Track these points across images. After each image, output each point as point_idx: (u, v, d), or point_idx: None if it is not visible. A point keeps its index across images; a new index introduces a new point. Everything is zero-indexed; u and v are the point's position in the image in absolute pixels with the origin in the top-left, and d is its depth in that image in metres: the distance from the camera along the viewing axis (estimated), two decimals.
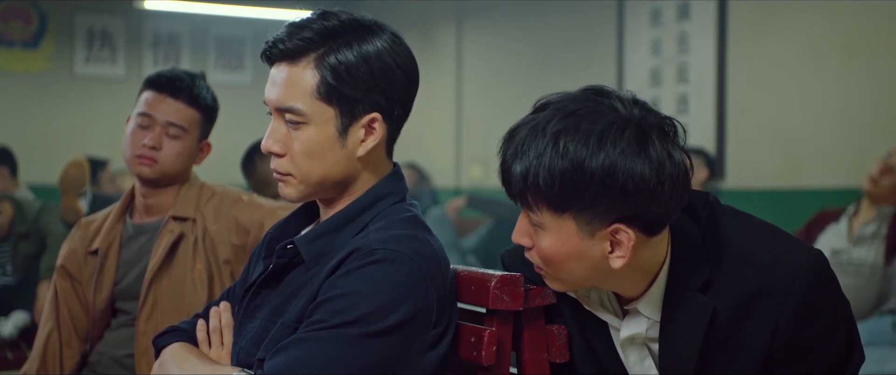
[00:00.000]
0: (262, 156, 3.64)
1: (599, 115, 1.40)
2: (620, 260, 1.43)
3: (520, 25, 7.11)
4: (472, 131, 7.60)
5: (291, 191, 1.57)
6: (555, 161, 1.38)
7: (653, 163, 1.38)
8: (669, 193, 1.40)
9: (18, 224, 4.59)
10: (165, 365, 1.64)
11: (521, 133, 1.44)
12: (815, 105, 5.00)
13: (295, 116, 1.53)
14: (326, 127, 1.53)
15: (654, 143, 1.39)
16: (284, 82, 1.53)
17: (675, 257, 1.51)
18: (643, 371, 1.58)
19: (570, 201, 1.40)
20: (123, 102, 4.29)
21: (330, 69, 1.51)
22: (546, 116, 1.43)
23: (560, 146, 1.38)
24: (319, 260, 1.54)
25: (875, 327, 3.54)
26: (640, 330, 1.55)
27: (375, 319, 1.43)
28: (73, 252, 2.47)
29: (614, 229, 1.41)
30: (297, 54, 1.53)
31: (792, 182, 5.11)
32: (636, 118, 1.41)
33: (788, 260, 1.46)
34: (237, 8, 7.61)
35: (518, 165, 1.42)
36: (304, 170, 1.54)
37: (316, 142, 1.53)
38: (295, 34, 1.54)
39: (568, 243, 1.43)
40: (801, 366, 1.49)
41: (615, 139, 1.38)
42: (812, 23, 5.03)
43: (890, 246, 3.79)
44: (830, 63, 4.92)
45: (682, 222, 1.50)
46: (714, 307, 1.47)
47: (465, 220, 6.32)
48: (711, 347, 1.49)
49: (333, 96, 1.52)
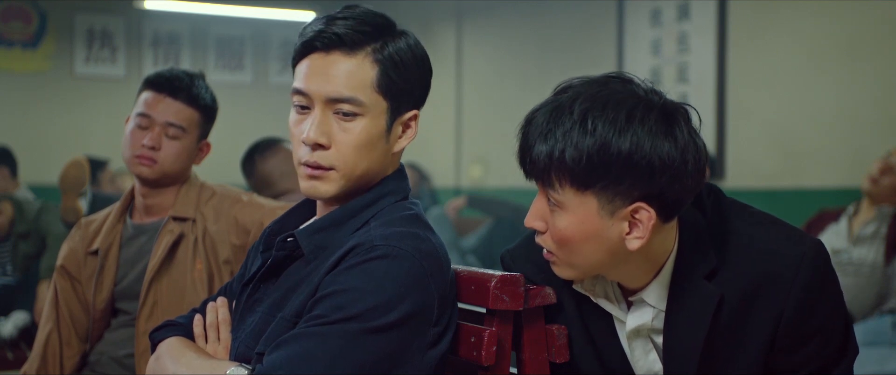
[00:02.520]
0: (262, 155, 3.64)
1: (625, 97, 1.44)
2: (638, 241, 1.45)
3: (520, 25, 7.11)
4: (472, 131, 7.60)
5: (329, 187, 1.54)
6: (582, 138, 1.41)
7: (678, 144, 1.42)
8: (692, 174, 1.43)
9: (18, 224, 4.59)
10: (162, 359, 1.63)
11: (543, 114, 1.47)
12: (814, 105, 5.00)
13: (352, 107, 1.51)
14: (379, 120, 1.53)
15: (680, 125, 1.44)
16: (341, 72, 1.51)
17: (682, 245, 1.53)
18: (647, 365, 1.60)
19: (596, 178, 1.42)
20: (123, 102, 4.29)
21: (390, 61, 1.52)
22: (570, 97, 1.46)
23: (588, 124, 1.41)
24: (319, 254, 1.54)
25: (875, 327, 3.54)
26: (646, 321, 1.56)
27: (376, 315, 1.42)
28: (73, 252, 2.47)
29: (635, 208, 1.43)
30: (355, 45, 1.51)
31: (792, 182, 5.11)
32: (659, 102, 1.45)
33: (793, 250, 1.49)
34: (237, 8, 7.61)
35: (543, 144, 1.45)
36: (350, 163, 1.53)
37: (369, 133, 1.53)
38: (349, 25, 1.51)
39: (587, 222, 1.45)
40: (802, 354, 1.52)
41: (643, 118, 1.41)
42: (812, 23, 5.03)
43: (890, 246, 3.79)
44: (830, 63, 4.92)
45: (688, 211, 1.53)
46: (721, 294, 1.49)
47: (465, 220, 6.32)
48: (716, 335, 1.52)
49: (390, 89, 1.53)
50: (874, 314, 3.71)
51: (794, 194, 5.07)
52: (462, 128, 7.70)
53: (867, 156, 4.38)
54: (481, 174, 7.41)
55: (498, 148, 7.06)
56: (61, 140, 7.57)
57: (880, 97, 4.70)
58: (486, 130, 7.33)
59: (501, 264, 1.71)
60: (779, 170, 5.19)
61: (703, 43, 5.63)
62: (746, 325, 1.51)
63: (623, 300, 1.60)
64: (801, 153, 5.08)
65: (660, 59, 5.93)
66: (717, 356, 1.53)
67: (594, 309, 1.61)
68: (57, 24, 7.80)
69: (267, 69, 8.50)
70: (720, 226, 1.54)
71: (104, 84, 7.93)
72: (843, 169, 4.83)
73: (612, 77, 1.49)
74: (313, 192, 1.55)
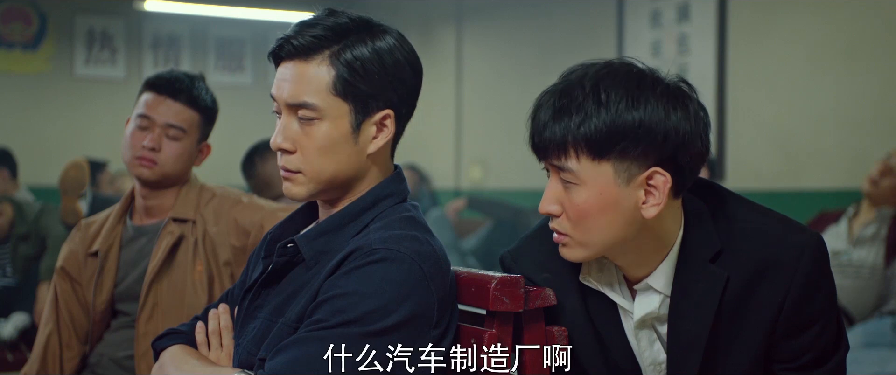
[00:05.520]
0: (262, 157, 3.64)
1: (631, 72, 1.50)
2: (655, 208, 1.49)
3: (520, 26, 7.11)
4: (472, 132, 7.60)
5: (299, 190, 1.57)
6: (597, 108, 1.46)
7: (688, 111, 1.48)
8: (703, 140, 1.50)
9: (18, 225, 4.59)
10: (165, 368, 1.64)
11: (553, 94, 1.51)
12: (815, 106, 5.00)
13: (309, 112, 1.53)
14: (340, 122, 1.54)
15: (689, 97, 1.51)
16: (298, 78, 1.53)
17: (687, 229, 1.56)
18: (652, 356, 1.62)
19: (612, 146, 1.46)
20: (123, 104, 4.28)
21: (346, 65, 1.52)
22: (578, 76, 1.51)
23: (601, 95, 1.47)
24: (319, 259, 1.55)
25: (875, 328, 3.54)
26: (652, 308, 1.58)
27: (376, 318, 1.43)
28: (73, 253, 2.47)
29: (651, 173, 1.47)
30: (311, 51, 1.53)
31: (792, 183, 5.11)
32: (665, 76, 1.52)
33: (795, 239, 1.54)
34: (237, 9, 7.60)
35: (557, 120, 1.48)
36: (315, 167, 1.54)
37: (330, 137, 1.54)
38: (306, 32, 1.54)
39: (605, 192, 1.48)
40: (802, 340, 1.56)
41: (654, 87, 1.47)
42: (812, 24, 5.03)
43: (890, 248, 3.79)
44: (830, 64, 4.92)
45: (691, 199, 1.57)
46: (727, 276, 1.53)
47: (464, 222, 6.32)
48: (720, 318, 1.54)
49: (349, 92, 1.53)
50: (874, 315, 3.71)
51: (793, 195, 5.07)
52: (462, 130, 7.70)
53: (867, 158, 4.38)
54: (481, 175, 7.41)
55: (498, 149, 7.06)
56: (61, 141, 7.57)
57: (880, 98, 4.70)
58: (485, 131, 7.33)
59: (501, 266, 1.71)
60: (779, 171, 5.19)
61: (703, 44, 5.63)
62: (749, 310, 1.54)
63: (628, 290, 1.62)
64: (801, 154, 5.08)
65: (660, 60, 5.93)
66: (720, 341, 1.55)
67: (599, 303, 1.62)
68: (57, 26, 7.80)
69: (267, 70, 8.49)
70: (722, 212, 1.58)
71: (104, 85, 7.93)
72: (843, 170, 4.83)
73: (614, 59, 1.55)
74: (288, 194, 1.59)
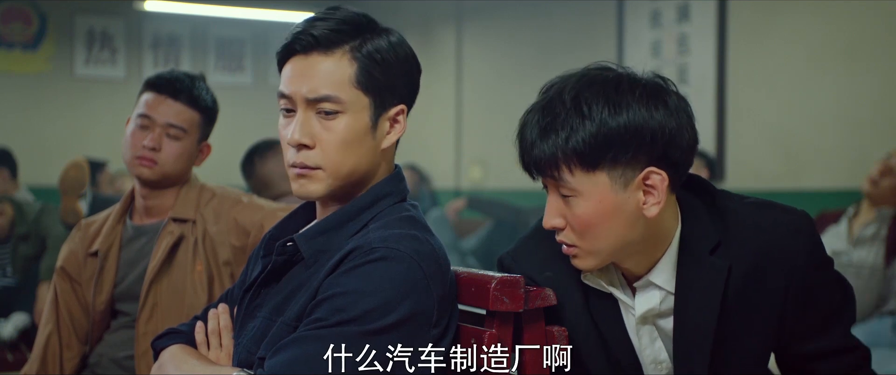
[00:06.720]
0: (261, 157, 3.64)
1: (608, 77, 1.51)
2: (656, 206, 1.51)
3: (520, 26, 7.11)
4: (472, 132, 7.60)
5: (318, 187, 1.55)
6: (581, 121, 1.47)
7: (669, 107, 1.50)
8: (690, 131, 1.52)
9: (18, 225, 4.59)
10: (164, 367, 1.64)
11: (535, 113, 1.52)
12: (815, 106, 5.00)
13: (332, 105, 1.52)
14: (361, 116, 1.54)
15: (668, 92, 1.52)
16: (319, 72, 1.52)
17: (684, 223, 1.58)
18: (654, 353, 1.63)
19: (602, 155, 1.47)
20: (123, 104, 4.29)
21: (368, 57, 1.53)
22: (556, 90, 1.52)
23: (582, 108, 1.47)
24: (319, 258, 1.54)
25: (875, 328, 3.54)
26: (654, 304, 1.59)
27: (375, 317, 1.43)
28: (73, 253, 2.47)
29: (646, 174, 1.49)
30: (332, 44, 1.53)
31: (792, 183, 5.11)
32: (641, 76, 1.52)
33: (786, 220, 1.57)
34: (237, 9, 7.61)
35: (544, 139, 1.50)
36: (335, 162, 1.54)
37: (352, 131, 1.53)
38: (323, 25, 1.53)
39: (604, 201, 1.50)
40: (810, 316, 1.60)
41: (632, 90, 1.48)
42: (812, 24, 5.03)
43: (890, 248, 3.79)
44: (830, 64, 4.92)
45: (686, 196, 1.59)
46: (729, 265, 1.54)
47: (464, 222, 6.32)
48: (726, 308, 1.56)
49: (371, 85, 1.53)
50: (874, 315, 3.70)
51: (794, 195, 5.07)
52: (462, 130, 7.70)
53: (867, 158, 4.38)
54: (481, 175, 7.41)
55: (498, 149, 7.05)
56: (61, 141, 7.57)
57: (880, 98, 4.70)
58: (485, 131, 7.33)
59: (499, 267, 1.70)
60: (779, 171, 5.19)
61: (703, 44, 5.63)
62: (756, 297, 1.56)
63: (628, 288, 1.63)
64: (801, 154, 5.08)
65: (660, 60, 5.93)
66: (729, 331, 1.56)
67: (601, 302, 1.63)
68: (57, 26, 7.81)
69: (267, 70, 8.49)
70: (713, 205, 1.60)
71: (104, 85, 7.93)
72: (843, 170, 4.83)
73: (589, 67, 1.55)
74: (303, 193, 1.57)
